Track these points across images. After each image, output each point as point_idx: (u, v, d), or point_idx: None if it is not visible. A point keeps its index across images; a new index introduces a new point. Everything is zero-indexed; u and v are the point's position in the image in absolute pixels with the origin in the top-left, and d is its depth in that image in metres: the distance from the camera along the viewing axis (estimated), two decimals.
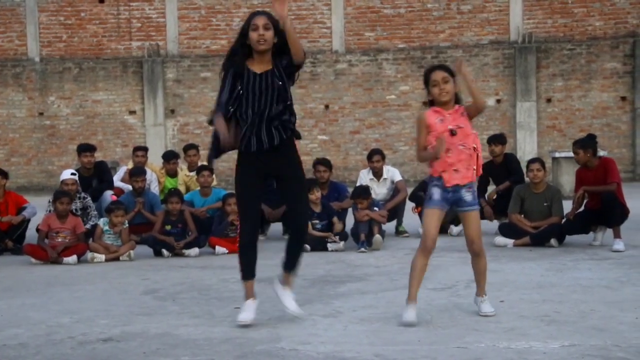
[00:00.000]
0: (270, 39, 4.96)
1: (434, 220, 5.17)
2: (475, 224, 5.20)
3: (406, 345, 4.57)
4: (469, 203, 5.16)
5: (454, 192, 5.12)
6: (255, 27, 4.94)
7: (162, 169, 11.29)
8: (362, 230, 8.82)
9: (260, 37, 4.92)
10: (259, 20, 4.95)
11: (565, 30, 19.03)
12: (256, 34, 4.93)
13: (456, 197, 5.14)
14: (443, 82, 5.08)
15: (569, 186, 13.19)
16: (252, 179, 5.16)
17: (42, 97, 19.99)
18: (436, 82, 5.08)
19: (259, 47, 4.95)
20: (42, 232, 8.54)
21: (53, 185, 15.88)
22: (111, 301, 6.20)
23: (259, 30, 4.92)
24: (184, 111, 19.67)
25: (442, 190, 5.14)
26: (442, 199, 5.17)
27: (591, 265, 7.44)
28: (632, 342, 4.49)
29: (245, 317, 5.07)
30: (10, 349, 4.72)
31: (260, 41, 4.93)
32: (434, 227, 5.16)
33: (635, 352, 4.30)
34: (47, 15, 20.03)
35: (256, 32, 4.93)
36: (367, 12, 19.49)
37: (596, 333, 4.75)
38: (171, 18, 19.84)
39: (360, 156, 18.50)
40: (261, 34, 4.92)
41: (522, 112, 18.84)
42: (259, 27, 4.93)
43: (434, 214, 5.18)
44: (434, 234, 5.15)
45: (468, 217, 5.21)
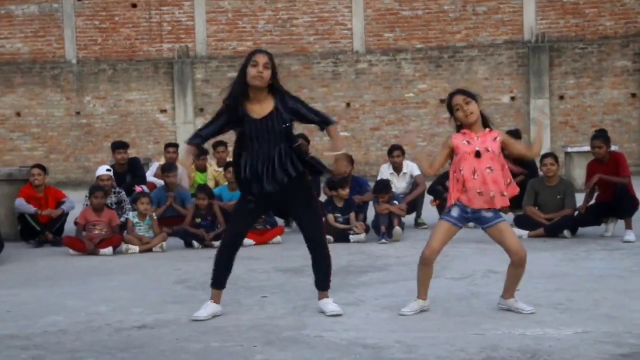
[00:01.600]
0: (266, 78, 4.90)
1: (440, 233, 4.96)
2: (510, 234, 4.96)
3: (425, 332, 4.58)
4: (493, 217, 4.94)
5: (474, 212, 4.94)
6: (255, 63, 4.90)
7: (192, 165, 11.14)
8: (383, 222, 8.95)
9: (259, 74, 4.87)
10: (260, 59, 4.91)
11: (577, 30, 18.96)
12: (255, 69, 4.88)
13: (476, 216, 4.96)
14: (465, 104, 4.89)
15: (581, 179, 12.69)
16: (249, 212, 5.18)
17: (78, 97, 20.09)
18: (459, 105, 4.90)
19: (253, 82, 4.88)
20: (80, 225, 8.72)
21: (89, 181, 15.86)
22: (145, 290, 6.22)
23: (259, 67, 4.88)
24: (212, 109, 19.05)
25: (461, 208, 4.94)
26: (459, 217, 4.96)
27: (603, 255, 7.42)
28: None
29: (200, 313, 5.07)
30: (51, 335, 4.76)
31: (257, 77, 4.87)
32: (438, 240, 4.96)
33: None
34: (83, 20, 20.14)
35: (255, 68, 4.88)
36: (386, 14, 19.49)
37: (608, 320, 4.74)
38: (200, 21, 19.91)
39: (380, 152, 18.57)
40: (260, 71, 4.87)
41: (536, 109, 18.79)
42: (258, 64, 4.89)
43: (444, 227, 4.97)
44: (435, 246, 4.96)
45: (499, 230, 4.93)
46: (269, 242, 8.96)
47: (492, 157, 4.87)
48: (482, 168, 4.86)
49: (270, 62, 4.96)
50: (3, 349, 4.52)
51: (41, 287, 6.56)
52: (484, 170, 4.86)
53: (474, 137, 4.91)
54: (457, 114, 4.93)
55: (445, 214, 5.03)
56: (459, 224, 4.98)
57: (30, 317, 5.33)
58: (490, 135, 4.94)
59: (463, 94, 4.96)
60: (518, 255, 4.92)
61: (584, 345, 4.24)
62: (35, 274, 7.29)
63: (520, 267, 4.98)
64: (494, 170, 4.87)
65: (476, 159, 4.85)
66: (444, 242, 4.98)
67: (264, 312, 5.24)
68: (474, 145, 4.88)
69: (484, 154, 4.86)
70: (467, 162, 4.90)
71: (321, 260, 5.17)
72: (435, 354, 4.15)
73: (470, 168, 4.88)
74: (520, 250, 4.92)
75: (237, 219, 5.24)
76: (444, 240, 4.98)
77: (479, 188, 4.86)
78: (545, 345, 4.25)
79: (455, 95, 4.98)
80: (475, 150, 4.86)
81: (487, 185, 4.85)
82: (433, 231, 5.04)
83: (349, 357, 4.17)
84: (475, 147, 4.87)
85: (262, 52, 5.01)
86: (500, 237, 4.94)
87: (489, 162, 4.87)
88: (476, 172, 4.86)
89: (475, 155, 4.85)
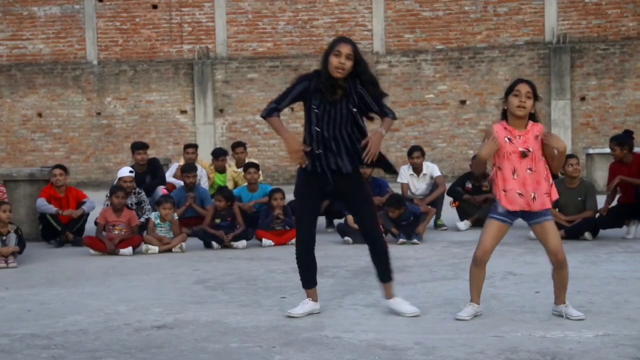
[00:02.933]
0: (348, 69, 4.83)
1: (491, 232, 4.90)
2: (554, 234, 4.86)
3: (445, 334, 4.59)
4: (538, 214, 4.83)
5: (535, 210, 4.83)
6: (338, 53, 4.82)
7: (211, 166, 11.50)
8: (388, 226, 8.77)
9: (340, 65, 4.80)
10: (344, 48, 4.82)
11: (599, 31, 18.84)
12: (337, 60, 4.80)
13: (523, 212, 4.86)
14: (526, 96, 4.77)
15: (602, 181, 12.99)
16: (313, 197, 5.09)
17: (99, 98, 20.20)
18: (519, 92, 4.78)
19: (336, 73, 4.82)
20: (100, 225, 8.77)
21: (110, 181, 16.10)
22: (164, 290, 6.27)
23: (341, 57, 4.80)
24: (232, 110, 19.75)
25: None
26: (507, 212, 4.86)
27: (625, 257, 7.38)
28: None
29: (297, 310, 5.13)
30: (72, 334, 4.82)
31: (339, 69, 4.81)
32: (490, 239, 4.89)
33: None
34: (104, 21, 20.26)
35: (338, 58, 4.81)
36: (407, 15, 19.48)
37: (630, 323, 4.72)
38: (220, 22, 19.96)
39: (400, 153, 18.46)
40: (342, 62, 4.80)
41: (557, 110, 18.74)
42: (341, 55, 4.81)
43: (494, 226, 4.90)
44: (487, 246, 4.89)
45: (543, 229, 4.86)
46: (288, 242, 8.95)
47: (532, 157, 4.79)
48: (522, 168, 4.78)
49: (354, 52, 4.85)
50: (24, 348, 4.56)
51: (62, 286, 6.62)
52: (525, 170, 4.78)
53: (515, 136, 4.81)
54: (512, 99, 4.79)
55: (492, 212, 4.95)
56: (508, 220, 4.90)
57: (51, 316, 5.38)
58: (532, 132, 4.84)
59: (530, 86, 4.84)
60: (556, 257, 4.87)
61: (605, 348, 4.21)
62: (56, 274, 7.34)
63: (561, 270, 4.91)
64: (534, 171, 4.79)
65: (521, 158, 4.77)
66: (495, 241, 4.92)
67: (283, 313, 5.23)
68: (517, 145, 4.79)
69: (529, 154, 4.78)
70: (508, 161, 4.82)
71: (380, 250, 5.14)
72: (454, 356, 4.15)
73: (510, 168, 4.80)
74: (559, 253, 4.86)
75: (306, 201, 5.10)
76: (495, 239, 4.91)
77: (519, 189, 4.78)
78: (565, 347, 4.23)
79: (522, 82, 4.86)
80: (519, 150, 4.77)
81: (527, 186, 4.78)
82: (483, 231, 4.97)
83: (367, 358, 4.16)
84: (517, 147, 4.78)
85: (346, 42, 4.90)
86: (543, 236, 4.88)
87: (529, 163, 4.79)
88: (516, 172, 4.79)
89: (521, 156, 4.77)
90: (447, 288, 6.02)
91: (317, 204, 5.20)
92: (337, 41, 4.89)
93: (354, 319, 5.05)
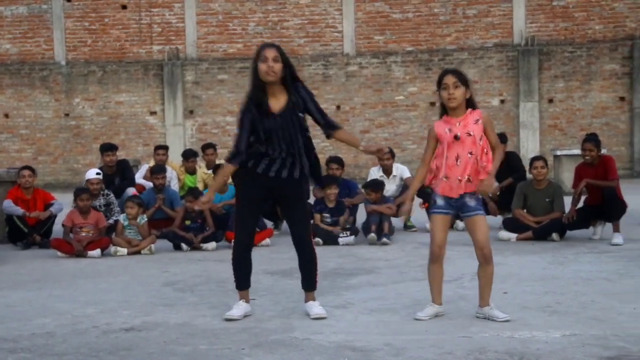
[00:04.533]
0: (279, 71, 4.89)
1: (438, 226, 4.95)
2: (483, 228, 4.89)
3: (414, 335, 4.59)
4: (473, 208, 4.89)
5: (457, 200, 4.90)
6: (264, 58, 4.87)
7: (181, 167, 11.44)
8: (374, 221, 8.98)
9: (270, 69, 4.85)
10: (269, 53, 4.88)
11: (567, 34, 19.11)
12: (265, 65, 4.86)
13: (460, 203, 4.90)
14: (453, 87, 4.81)
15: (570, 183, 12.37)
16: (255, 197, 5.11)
17: (67, 99, 20.08)
18: (447, 85, 4.82)
19: (267, 78, 4.88)
20: (67, 227, 8.64)
21: (78, 183, 15.90)
22: (133, 293, 6.19)
23: (269, 62, 4.86)
24: (202, 112, 19.75)
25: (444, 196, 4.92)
26: (446, 204, 4.93)
27: (591, 258, 7.42)
28: (631, 332, 4.52)
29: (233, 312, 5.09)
30: (39, 338, 4.73)
31: (270, 73, 4.86)
32: (439, 232, 4.94)
33: (633, 342, 4.33)
34: (72, 21, 20.14)
35: (265, 63, 4.86)
36: (377, 17, 19.58)
37: (596, 323, 4.74)
38: (190, 23, 19.94)
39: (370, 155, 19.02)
40: (270, 65, 4.85)
41: (525, 112, 18.95)
42: (268, 59, 4.87)
43: (438, 219, 4.96)
44: (440, 240, 4.93)
45: (474, 222, 4.91)
46: (258, 244, 8.91)
47: (474, 141, 4.83)
48: (464, 153, 4.82)
49: (280, 55, 4.93)
50: None
51: (29, 289, 6.54)
52: (466, 155, 4.82)
53: (455, 123, 4.86)
54: (442, 93, 4.86)
55: (432, 207, 5.01)
56: (449, 211, 4.96)
57: (18, 319, 5.31)
58: (472, 117, 4.87)
59: (455, 75, 4.87)
60: (482, 251, 4.90)
61: (572, 348, 4.24)
62: (23, 276, 7.25)
63: (487, 265, 4.95)
64: (474, 154, 4.83)
65: (456, 141, 4.81)
66: (444, 233, 4.97)
67: (253, 314, 5.21)
68: (455, 132, 4.83)
69: (465, 139, 4.81)
70: (452, 150, 4.86)
71: (307, 259, 5.19)
72: (423, 357, 4.16)
73: (454, 155, 4.84)
74: (485, 247, 4.88)
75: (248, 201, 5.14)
76: (444, 232, 4.96)
77: (460, 175, 4.84)
78: (532, 348, 4.26)
79: (448, 74, 4.89)
80: (454, 135, 4.82)
81: (466, 171, 4.83)
82: (430, 228, 5.07)
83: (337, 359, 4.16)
84: (455, 133, 4.83)
85: (270, 46, 4.99)
86: (472, 229, 4.93)
87: (471, 147, 4.83)
88: (459, 158, 4.83)
89: (454, 139, 4.81)
90: (417, 289, 6.01)
91: (257, 206, 5.23)
92: (261, 48, 4.97)
93: (323, 320, 5.03)
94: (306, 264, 5.21)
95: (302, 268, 5.24)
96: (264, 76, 4.91)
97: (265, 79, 4.91)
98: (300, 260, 5.22)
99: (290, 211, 5.19)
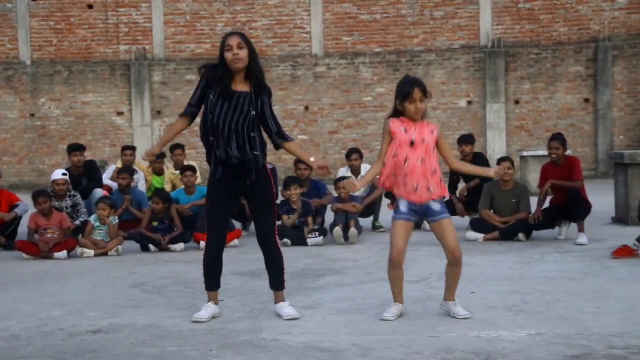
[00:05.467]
0: (244, 57, 4.96)
1: (399, 233, 4.95)
2: (451, 231, 4.93)
3: (382, 335, 4.62)
4: (438, 212, 4.93)
5: (421, 205, 4.93)
6: (229, 47, 4.96)
7: (149, 168, 11.43)
8: (340, 220, 9.05)
9: (235, 56, 4.93)
10: (232, 41, 4.97)
11: (532, 36, 19.30)
12: (230, 53, 4.95)
13: (423, 208, 4.93)
14: (420, 101, 4.86)
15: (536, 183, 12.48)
16: (224, 197, 5.12)
17: (33, 99, 19.88)
18: (414, 100, 4.85)
19: (234, 65, 4.95)
20: (31, 229, 8.60)
21: (44, 184, 15.67)
22: (100, 294, 6.17)
23: (233, 49, 4.95)
24: (169, 112, 19.59)
25: (408, 201, 4.95)
26: (409, 210, 4.95)
27: (556, 258, 7.52)
28: (594, 331, 4.60)
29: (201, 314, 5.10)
30: (3, 341, 4.69)
31: (235, 60, 4.94)
32: (400, 239, 4.95)
33: (596, 340, 4.40)
34: (37, 20, 19.95)
35: (230, 51, 4.95)
36: (345, 18, 19.63)
37: (560, 322, 4.82)
38: (157, 23, 19.84)
39: (338, 155, 18.72)
40: (235, 53, 4.94)
41: (492, 113, 19.09)
42: (232, 47, 4.95)
43: (400, 225, 4.96)
44: (400, 246, 4.95)
45: (441, 226, 4.93)
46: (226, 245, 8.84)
47: (427, 148, 4.88)
48: (414, 158, 4.86)
49: (244, 41, 5.00)
50: None
51: None
52: (416, 160, 4.86)
53: (412, 127, 4.91)
54: (409, 106, 4.87)
55: (395, 213, 5.04)
56: (411, 217, 4.98)
57: None
58: (428, 128, 4.93)
59: (422, 90, 4.90)
60: (452, 254, 4.96)
61: (537, 346, 4.30)
62: None
63: (456, 266, 5.02)
64: (424, 163, 4.87)
65: (410, 148, 4.86)
66: (405, 239, 4.99)
67: (221, 315, 5.22)
68: (411, 135, 4.88)
69: (419, 145, 4.87)
70: (402, 150, 4.91)
71: (273, 260, 5.22)
72: (391, 357, 4.18)
73: (403, 156, 4.89)
74: (456, 250, 4.95)
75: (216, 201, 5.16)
76: (404, 238, 4.98)
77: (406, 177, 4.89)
78: (499, 347, 4.30)
79: (417, 87, 4.88)
80: (410, 139, 4.87)
81: (414, 176, 4.87)
82: (391, 234, 5.06)
83: None
84: (411, 136, 4.87)
85: (233, 34, 5.06)
86: (440, 233, 4.97)
87: (422, 153, 4.88)
88: (407, 160, 4.87)
89: (409, 145, 4.86)
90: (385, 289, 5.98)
91: (227, 206, 5.24)
92: (225, 37, 5.04)
93: (292, 321, 5.06)
94: (271, 262, 5.23)
95: (268, 266, 5.26)
96: (230, 64, 4.97)
97: (232, 67, 4.97)
98: (266, 259, 5.25)
99: (256, 210, 5.19)
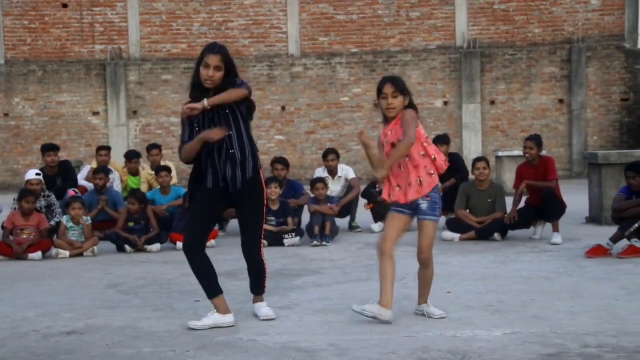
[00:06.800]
0: (217, 80, 4.81)
1: (392, 223, 4.98)
2: (427, 234, 4.95)
3: (358, 334, 4.64)
4: (424, 212, 4.93)
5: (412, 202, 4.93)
6: (206, 65, 4.80)
7: (124, 168, 11.36)
8: (316, 222, 9.03)
9: (209, 77, 4.79)
10: (211, 60, 4.79)
11: (507, 37, 19.43)
12: (205, 72, 4.80)
13: (414, 206, 4.95)
14: (392, 97, 4.86)
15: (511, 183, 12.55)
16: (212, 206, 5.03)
17: (7, 99, 19.67)
18: (385, 95, 4.87)
19: (205, 84, 4.82)
20: (7, 230, 8.53)
21: (18, 184, 15.70)
22: (75, 295, 6.13)
23: (209, 70, 4.78)
24: (145, 112, 19.57)
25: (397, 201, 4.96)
26: (401, 204, 4.97)
27: (531, 257, 7.57)
28: (568, 329, 4.65)
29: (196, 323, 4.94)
30: None
31: (208, 81, 4.80)
32: (391, 228, 4.97)
33: (570, 338, 4.44)
34: (11, 19, 19.77)
35: (206, 70, 4.79)
36: (321, 18, 19.65)
37: (535, 321, 4.86)
38: (133, 22, 19.74)
39: (315, 155, 18.75)
40: (210, 74, 4.79)
41: (468, 114, 19.19)
42: (209, 67, 4.78)
43: (394, 217, 4.99)
44: (388, 233, 4.97)
45: (421, 226, 4.97)
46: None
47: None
48: (404, 159, 4.86)
49: (224, 62, 4.82)
50: None
51: None
52: (405, 159, 4.86)
53: (387, 132, 4.94)
54: (381, 101, 4.92)
55: (391, 205, 5.04)
56: (404, 210, 4.98)
57: None
58: (399, 123, 4.90)
59: (394, 85, 4.89)
60: (420, 255, 5.01)
61: (512, 345, 4.33)
62: None
63: (426, 269, 5.06)
64: (411, 158, 4.86)
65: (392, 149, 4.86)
66: (395, 229, 4.97)
67: (197, 316, 5.17)
68: (389, 140, 4.91)
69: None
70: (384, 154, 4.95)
71: (256, 269, 5.18)
72: (368, 356, 4.20)
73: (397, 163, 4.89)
74: (424, 252, 4.99)
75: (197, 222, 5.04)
76: (395, 227, 4.97)
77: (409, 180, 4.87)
78: (475, 346, 4.33)
79: (387, 83, 4.91)
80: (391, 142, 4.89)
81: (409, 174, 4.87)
82: (385, 224, 5.11)
83: None
84: (390, 139, 4.90)
85: (215, 52, 4.84)
86: (419, 233, 5.01)
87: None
88: (401, 165, 4.88)
89: (391, 146, 4.87)
90: (361, 289, 6.07)
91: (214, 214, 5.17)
92: (206, 51, 4.86)
93: (268, 321, 5.06)
94: (255, 272, 5.20)
95: (251, 274, 5.23)
96: (202, 81, 4.85)
97: (204, 84, 4.85)
98: (250, 268, 5.22)
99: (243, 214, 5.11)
